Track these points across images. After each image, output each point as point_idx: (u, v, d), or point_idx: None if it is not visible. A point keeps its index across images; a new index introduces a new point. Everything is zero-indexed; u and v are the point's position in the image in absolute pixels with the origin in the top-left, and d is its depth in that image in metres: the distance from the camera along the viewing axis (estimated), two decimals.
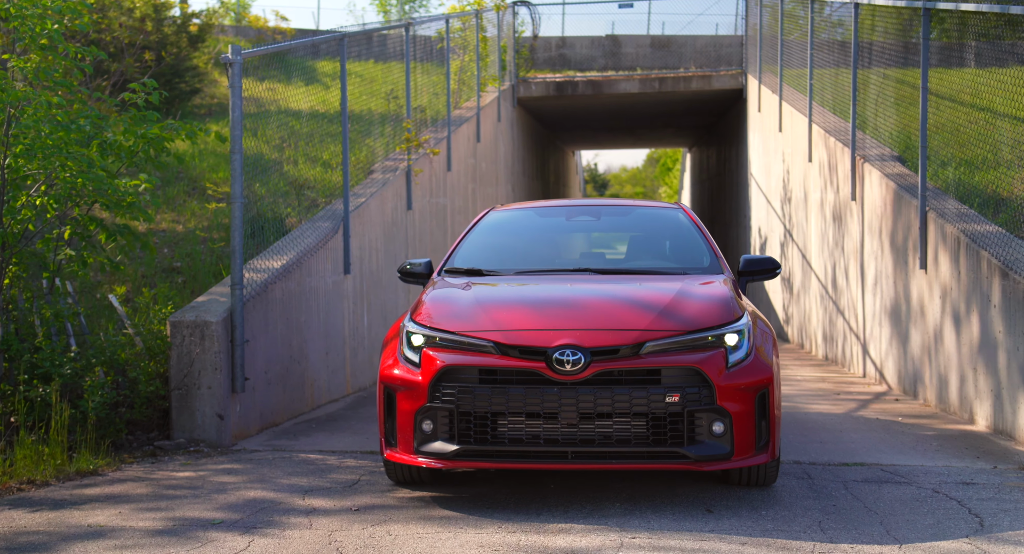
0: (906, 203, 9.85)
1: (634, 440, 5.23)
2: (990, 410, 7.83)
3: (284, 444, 7.58)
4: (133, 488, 6.16)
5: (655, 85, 20.02)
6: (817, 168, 13.55)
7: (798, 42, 16.05)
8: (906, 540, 4.83)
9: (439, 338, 5.55)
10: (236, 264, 7.66)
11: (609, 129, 26.42)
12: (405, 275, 6.90)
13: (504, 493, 5.80)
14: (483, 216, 7.17)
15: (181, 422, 7.46)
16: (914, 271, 9.57)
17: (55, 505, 5.76)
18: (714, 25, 47.93)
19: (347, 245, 10.18)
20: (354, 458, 6.96)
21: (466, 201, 16.06)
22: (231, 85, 7.65)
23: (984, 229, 8.43)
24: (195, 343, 7.42)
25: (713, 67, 22.15)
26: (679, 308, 5.53)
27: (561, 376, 5.24)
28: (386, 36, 15.85)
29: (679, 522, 5.14)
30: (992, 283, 7.74)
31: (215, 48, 20.76)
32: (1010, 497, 5.60)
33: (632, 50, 24.26)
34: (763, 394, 5.38)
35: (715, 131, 25.27)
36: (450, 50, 15.42)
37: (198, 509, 5.60)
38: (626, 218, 7.13)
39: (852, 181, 11.68)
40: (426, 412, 5.42)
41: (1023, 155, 11.58)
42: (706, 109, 22.42)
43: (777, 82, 17.21)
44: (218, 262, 9.78)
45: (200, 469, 6.69)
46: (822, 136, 13.21)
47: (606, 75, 20.91)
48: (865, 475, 6.19)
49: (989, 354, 7.81)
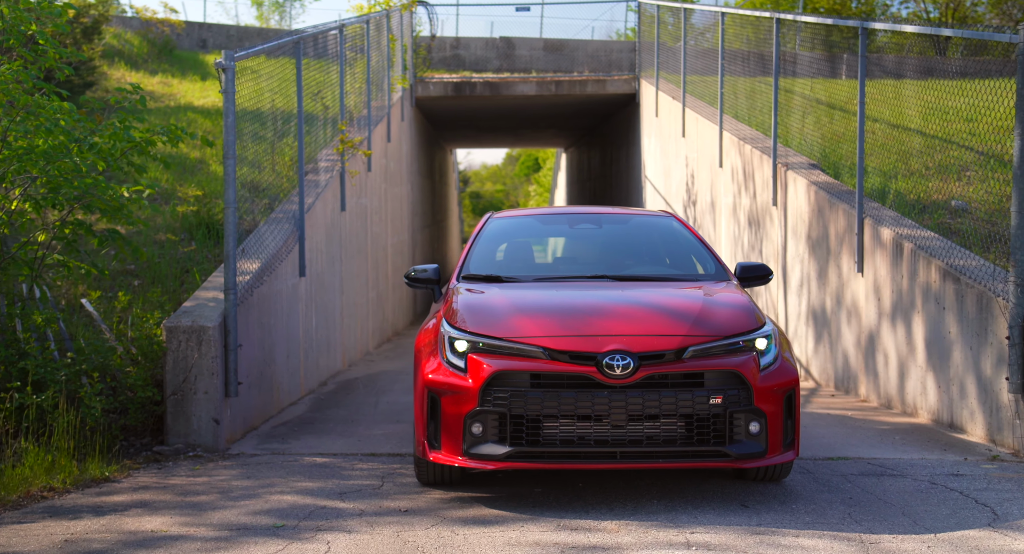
0: (838, 209, 10.47)
1: (679, 440, 5.56)
2: (937, 405, 8.48)
3: (278, 447, 7.63)
4: (159, 495, 6.16)
5: (552, 88, 20.45)
6: (729, 174, 14.17)
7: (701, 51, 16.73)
8: (935, 529, 5.30)
9: (482, 343, 5.76)
10: (230, 269, 7.67)
11: (495, 129, 26.78)
12: (413, 281, 7.06)
13: (539, 493, 6.04)
14: (485, 223, 7.39)
15: (177, 427, 7.44)
16: (849, 274, 10.20)
17: (96, 512, 5.73)
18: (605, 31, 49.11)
19: (302, 248, 10.21)
20: (361, 461, 7.09)
21: (382, 201, 16.15)
22: (224, 91, 7.64)
23: (925, 235, 9.10)
24: (192, 348, 7.41)
25: (606, 71, 22.74)
26: (711, 314, 5.89)
27: (611, 380, 5.53)
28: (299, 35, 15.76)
29: (723, 517, 5.49)
30: (945, 287, 8.38)
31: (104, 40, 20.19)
32: (1004, 488, 6.15)
33: (526, 53, 24.67)
34: (790, 395, 5.78)
35: (598, 133, 25.89)
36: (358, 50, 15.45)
37: (244, 514, 5.67)
38: (626, 226, 7.46)
39: (773, 187, 12.30)
40: (476, 415, 5.62)
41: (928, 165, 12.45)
42: (596, 112, 23.00)
43: (674, 88, 17.87)
44: (182, 265, 9.67)
45: (212, 474, 6.71)
46: (735, 143, 13.83)
47: (503, 76, 21.24)
48: (859, 469, 6.67)
49: (938, 353, 8.45)
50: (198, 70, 21.46)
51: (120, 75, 19.81)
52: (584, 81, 20.35)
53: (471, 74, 22.02)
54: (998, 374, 7.57)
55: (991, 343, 7.68)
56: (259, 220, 10.83)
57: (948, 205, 10.61)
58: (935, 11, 40.68)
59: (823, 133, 13.17)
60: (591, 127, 26.16)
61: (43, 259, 7.61)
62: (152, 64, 21.17)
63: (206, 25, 26.26)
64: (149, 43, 22.68)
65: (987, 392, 7.74)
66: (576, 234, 7.36)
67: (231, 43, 25.80)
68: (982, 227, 9.78)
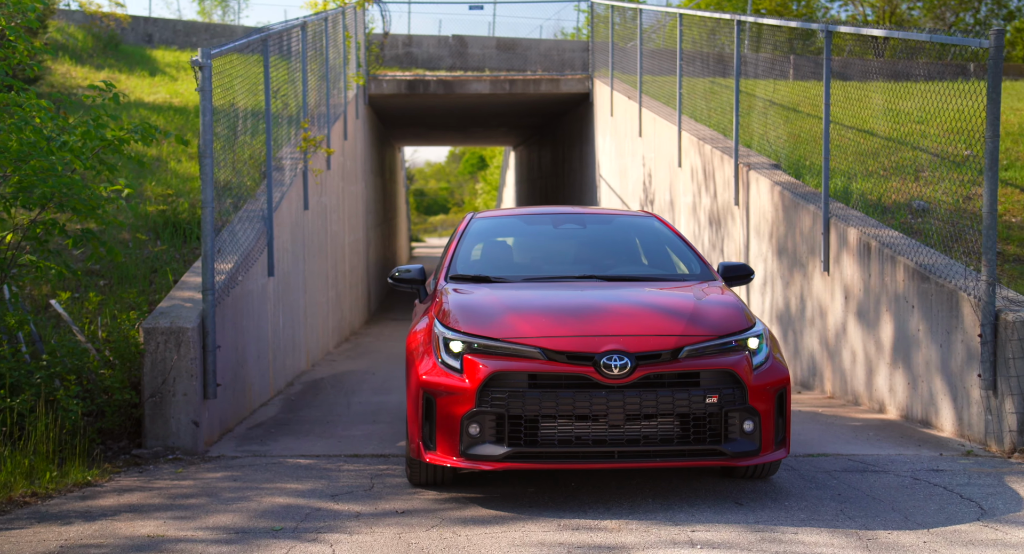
0: (802, 209, 10.63)
1: (676, 439, 5.62)
2: (905, 401, 8.65)
3: (258, 449, 7.57)
4: (146, 498, 6.08)
5: (506, 87, 20.47)
6: (689, 173, 14.31)
7: (655, 51, 16.86)
8: (927, 525, 5.40)
9: (478, 344, 5.76)
10: (208, 269, 7.58)
11: (447, 127, 26.74)
12: (399, 281, 7.05)
13: (532, 493, 6.06)
14: (468, 223, 7.38)
15: (155, 430, 7.34)
16: (814, 274, 10.36)
17: (85, 517, 5.64)
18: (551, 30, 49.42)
19: (271, 247, 10.12)
20: (345, 462, 7.05)
21: (340, 200, 16.06)
22: (201, 89, 7.55)
23: (891, 234, 9.27)
24: (170, 350, 7.31)
25: (559, 71, 22.81)
26: (705, 314, 5.95)
27: (609, 380, 5.56)
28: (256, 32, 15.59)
29: (721, 515, 5.55)
30: (911, 286, 8.54)
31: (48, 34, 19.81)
32: (984, 482, 6.29)
33: (479, 51, 24.65)
34: (782, 393, 5.86)
35: (549, 132, 25.97)
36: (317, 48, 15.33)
37: (239, 517, 5.61)
38: (610, 226, 7.50)
39: (735, 187, 12.45)
40: (473, 416, 5.62)
41: (886, 165, 12.68)
42: (549, 111, 23.07)
43: (628, 88, 18.00)
44: (149, 265, 9.52)
45: (197, 477, 6.63)
46: (695, 143, 13.96)
47: (457, 75, 21.21)
48: (841, 465, 6.78)
49: (906, 350, 8.62)
50: (146, 65, 21.14)
51: (65, 70, 19.44)
52: (538, 80, 20.40)
53: (424, 72, 21.97)
54: (968, 371, 7.74)
55: (961, 340, 7.85)
56: (225, 219, 10.71)
57: (910, 205, 10.81)
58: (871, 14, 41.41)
59: (780, 134, 13.35)
60: (542, 126, 26.23)
61: (14, 259, 7.47)
62: (97, 59, 20.81)
63: (152, 19, 25.88)
64: (94, 37, 22.29)
65: (957, 388, 7.90)
66: (561, 234, 7.38)
67: (178, 38, 25.46)
68: (943, 227, 10.00)
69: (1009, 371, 7.29)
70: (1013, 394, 7.29)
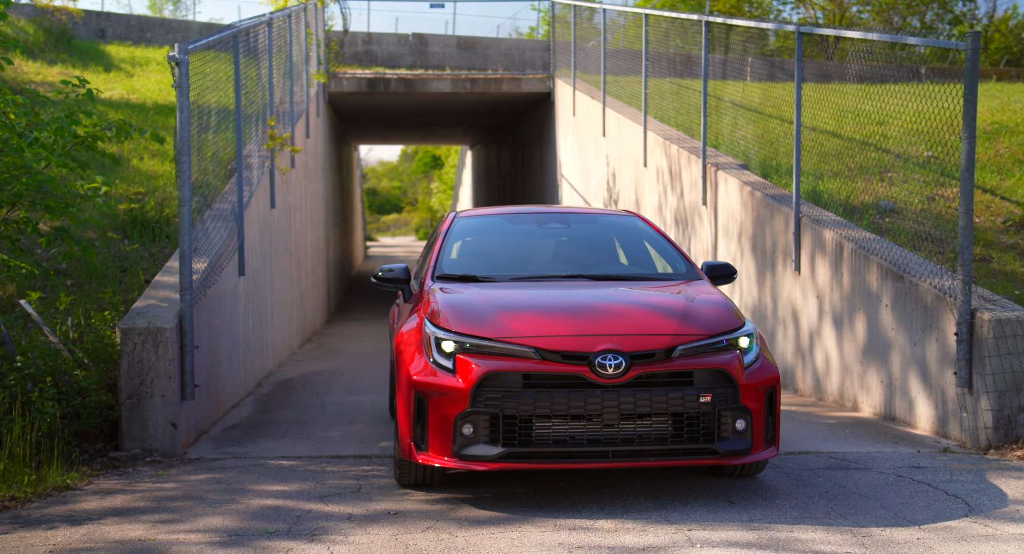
0: (773, 209, 10.70)
1: (670, 438, 5.62)
2: (880, 399, 8.74)
3: (237, 451, 7.47)
4: (130, 502, 5.97)
5: (467, 85, 20.43)
6: (655, 173, 14.36)
7: (616, 51, 16.92)
8: (918, 522, 5.46)
9: (470, 344, 5.73)
10: (186, 268, 7.47)
11: (405, 126, 26.62)
12: (382, 281, 7.00)
13: (523, 493, 6.04)
14: (452, 222, 7.33)
15: (132, 432, 7.22)
16: (785, 273, 10.44)
17: (70, 521, 5.53)
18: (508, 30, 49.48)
19: (242, 246, 10.00)
20: (328, 463, 6.98)
21: (303, 198, 15.92)
22: (178, 85, 7.44)
23: (863, 234, 9.36)
24: (149, 350, 7.19)
25: (520, 70, 22.80)
26: (696, 313, 5.96)
27: (604, 379, 5.56)
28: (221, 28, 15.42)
29: (714, 513, 5.57)
30: (885, 285, 8.64)
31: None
32: (966, 479, 6.37)
33: (439, 49, 24.56)
34: (772, 392, 5.89)
35: (508, 131, 25.96)
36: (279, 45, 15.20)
37: (230, 520, 5.53)
38: (594, 225, 7.49)
39: (703, 187, 12.51)
40: (467, 416, 5.59)
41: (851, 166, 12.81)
42: (509, 110, 23.05)
43: (591, 88, 18.05)
44: (118, 264, 9.35)
45: (179, 480, 6.53)
46: (661, 143, 14.02)
47: (418, 73, 21.13)
48: (823, 463, 6.84)
49: (880, 349, 8.71)
50: (100, 61, 20.82)
51: (16, 65, 19.08)
52: (499, 79, 20.38)
53: (384, 70, 21.85)
54: (944, 369, 7.83)
55: (936, 339, 7.95)
56: (194, 218, 10.56)
57: (877, 205, 10.93)
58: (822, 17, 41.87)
59: (746, 134, 13.45)
60: (501, 125, 26.21)
61: None
62: (49, 54, 20.45)
63: (104, 14, 25.49)
64: (45, 32, 21.88)
65: (932, 386, 8.00)
66: (546, 233, 7.36)
67: (131, 33, 25.10)
68: (911, 226, 10.12)
69: (985, 369, 7.40)
70: (989, 391, 7.39)
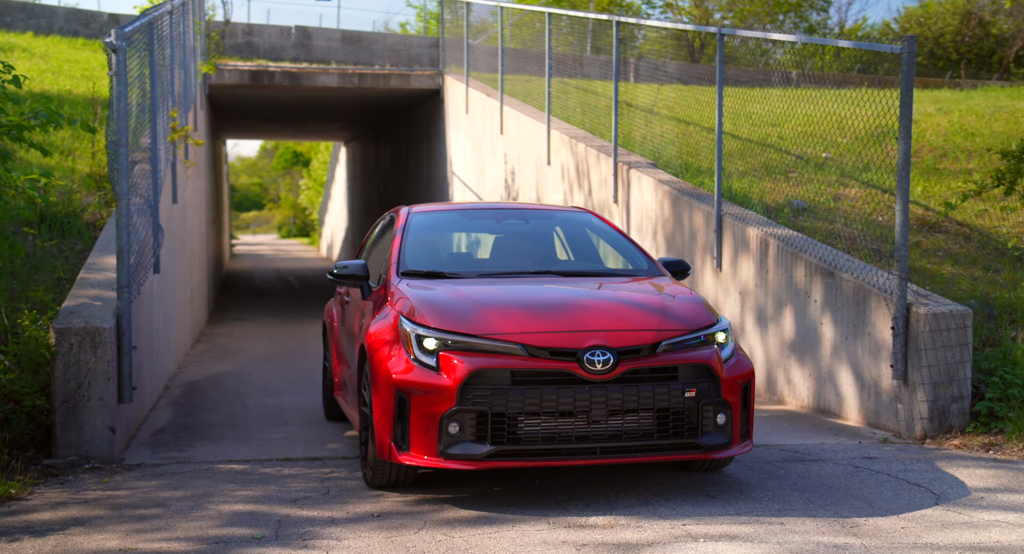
0: (691, 207, 10.86)
1: (656, 433, 5.63)
2: (807, 392, 8.96)
3: (178, 456, 7.17)
4: (87, 511, 5.65)
5: (354, 80, 20.13)
6: (559, 171, 14.41)
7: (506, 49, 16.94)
8: (894, 511, 5.59)
9: (453, 341, 5.62)
10: (124, 264, 7.12)
11: (283, 120, 26.05)
12: (339, 278, 6.80)
13: (501, 492, 5.95)
14: (407, 218, 7.15)
15: (67, 438, 6.83)
16: (705, 271, 10.60)
17: (32, 533, 5.19)
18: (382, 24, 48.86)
19: (157, 243, 9.60)
20: (282, 466, 6.76)
21: (193, 194, 15.41)
22: (116, 73, 7.07)
23: (786, 232, 9.58)
24: (86, 352, 6.82)
25: (407, 66, 22.59)
26: (674, 309, 5.98)
27: (592, 375, 5.52)
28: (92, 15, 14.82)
29: (701, 508, 5.59)
30: (814, 282, 8.85)
31: None
32: (921, 468, 6.57)
33: (323, 43, 24.10)
34: (747, 386, 5.96)
35: (390, 128, 25.69)
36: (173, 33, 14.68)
37: (208, 527, 5.28)
38: (551, 221, 7.43)
39: (614, 185, 12.61)
40: (454, 415, 5.47)
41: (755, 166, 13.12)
42: (395, 106, 22.82)
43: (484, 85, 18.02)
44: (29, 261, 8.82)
45: (130, 487, 6.22)
46: (567, 142, 14.08)
47: (303, 67, 20.72)
48: (778, 456, 6.95)
49: (809, 344, 8.93)
50: None
51: None
52: (388, 75, 20.16)
53: (267, 63, 21.36)
54: (876, 362, 8.08)
55: (868, 333, 8.19)
56: (102, 213, 10.10)
57: (790, 204, 11.21)
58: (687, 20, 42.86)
59: (651, 133, 13.63)
60: (382, 121, 25.92)
61: None
62: None
63: None
64: None
65: (864, 379, 8.24)
66: (505, 229, 7.27)
67: None
68: (823, 225, 10.42)
69: (921, 361, 7.65)
70: (924, 383, 7.65)
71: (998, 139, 14.07)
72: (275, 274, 32.27)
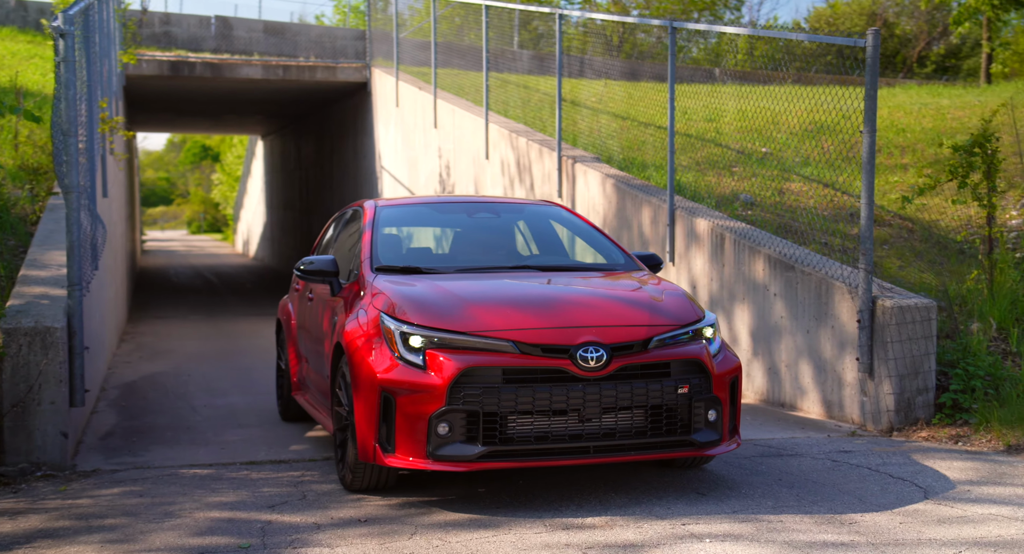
0: (640, 201, 10.78)
1: (650, 431, 5.49)
2: (765, 386, 8.94)
3: (134, 461, 6.84)
4: (50, 520, 5.32)
5: (279, 72, 19.69)
6: (499, 166, 14.24)
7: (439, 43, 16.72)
8: (886, 506, 5.54)
9: (439, 338, 5.41)
10: (74, 262, 6.76)
11: (200, 113, 25.39)
12: (308, 274, 6.53)
13: (487, 493, 5.77)
14: (376, 212, 6.89)
15: (17, 444, 6.45)
16: None
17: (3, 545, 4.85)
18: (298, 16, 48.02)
19: (97, 236, 9.19)
20: (249, 470, 6.48)
21: (117, 188, 14.87)
22: (65, 60, 6.70)
23: (741, 226, 9.55)
24: (36, 353, 6.44)
25: (332, 58, 22.15)
26: (662, 304, 5.85)
27: (585, 373, 5.36)
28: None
29: (696, 506, 5.48)
30: (774, 275, 8.83)
31: None
32: (900, 461, 6.56)
33: (245, 34, 23.51)
34: (734, 382, 5.86)
35: (312, 121, 25.22)
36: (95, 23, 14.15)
37: (187, 535, 5.01)
38: (523, 215, 7.24)
39: (558, 179, 12.48)
40: (443, 415, 5.27)
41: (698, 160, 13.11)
42: (318, 99, 22.39)
43: (416, 78, 17.77)
44: None
45: (91, 496, 5.89)
46: (506, 136, 13.91)
47: (225, 58, 20.18)
48: (754, 451, 6.88)
49: (767, 338, 8.90)
50: None
51: None
52: (313, 67, 19.75)
53: (188, 53, 20.75)
54: (840, 355, 8.08)
55: (832, 326, 8.18)
56: (33, 207, 9.63)
57: (738, 198, 11.20)
58: None
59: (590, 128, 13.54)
60: (303, 115, 25.44)
61: None
62: None
63: None
64: None
65: (826, 372, 8.24)
66: (477, 223, 7.06)
67: None
68: (772, 218, 10.43)
69: (887, 354, 7.66)
70: (891, 376, 7.67)
71: (928, 135, 14.30)
72: (191, 271, 31.51)
